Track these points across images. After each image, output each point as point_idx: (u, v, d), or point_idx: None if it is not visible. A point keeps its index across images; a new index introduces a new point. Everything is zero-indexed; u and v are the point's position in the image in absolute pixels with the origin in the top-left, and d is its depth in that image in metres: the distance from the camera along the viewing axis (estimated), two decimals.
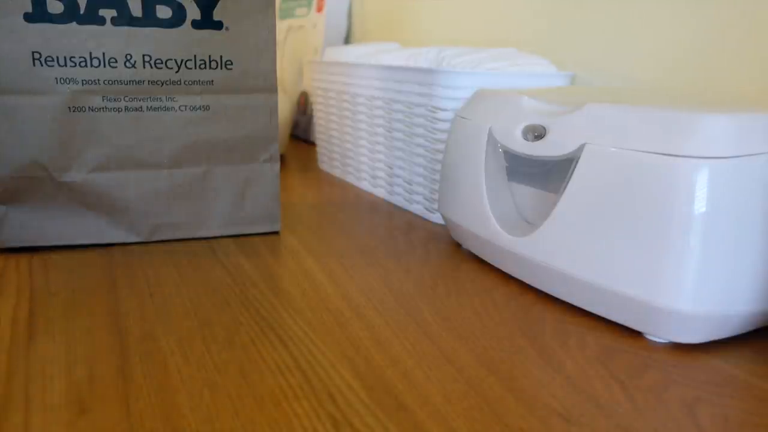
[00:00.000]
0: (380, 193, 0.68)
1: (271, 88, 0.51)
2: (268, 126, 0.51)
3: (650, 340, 0.36)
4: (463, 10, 0.81)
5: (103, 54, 0.45)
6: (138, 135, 0.48)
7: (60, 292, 0.40)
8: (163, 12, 0.46)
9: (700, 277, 0.33)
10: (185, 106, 0.48)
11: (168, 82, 0.48)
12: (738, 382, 0.32)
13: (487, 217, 0.44)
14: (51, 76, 0.45)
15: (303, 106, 1.02)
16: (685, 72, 0.53)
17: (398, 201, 0.65)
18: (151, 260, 0.46)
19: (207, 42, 0.48)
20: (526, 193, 0.43)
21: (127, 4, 0.45)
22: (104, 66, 0.46)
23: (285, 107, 0.85)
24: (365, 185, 0.71)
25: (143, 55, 0.46)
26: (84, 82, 0.45)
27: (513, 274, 0.44)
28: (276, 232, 0.54)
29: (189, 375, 0.31)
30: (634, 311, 0.35)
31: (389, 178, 0.66)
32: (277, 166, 0.52)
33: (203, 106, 0.49)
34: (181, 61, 0.47)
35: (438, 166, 0.58)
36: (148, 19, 0.46)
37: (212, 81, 0.49)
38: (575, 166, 0.37)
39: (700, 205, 0.32)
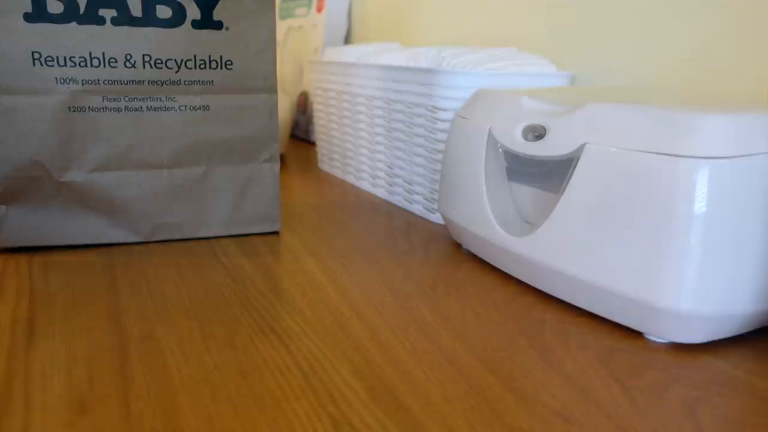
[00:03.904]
0: (380, 193, 0.68)
1: (271, 88, 0.51)
2: (268, 126, 0.51)
3: (650, 340, 0.36)
4: (463, 10, 0.81)
5: (103, 54, 0.45)
6: (138, 135, 0.48)
7: (60, 292, 0.40)
8: (163, 12, 0.46)
9: (700, 277, 0.33)
10: (185, 106, 0.48)
11: (168, 82, 0.48)
12: (738, 382, 0.32)
13: (487, 217, 0.44)
14: (51, 76, 0.45)
15: (303, 106, 1.02)
16: (685, 72, 0.53)
17: (398, 201, 0.65)
18: (151, 260, 0.46)
19: (207, 42, 0.48)
20: (526, 193, 0.43)
21: (127, 4, 0.45)
22: (104, 66, 0.46)
23: (285, 107, 0.85)
24: (365, 185, 0.71)
25: (143, 55, 0.46)
26: (84, 82, 0.45)
27: (513, 274, 0.44)
28: (276, 232, 0.54)
29: (189, 375, 0.31)
30: (635, 311, 0.35)
31: (389, 178, 0.66)
32: (277, 166, 0.52)
33: (203, 106, 0.49)
34: (181, 61, 0.47)
35: (438, 166, 0.58)
36: (148, 19, 0.46)
37: (212, 81, 0.49)
38: (575, 166, 0.37)
39: (700, 205, 0.32)
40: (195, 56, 0.48)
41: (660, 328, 0.35)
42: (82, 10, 0.44)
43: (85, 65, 0.45)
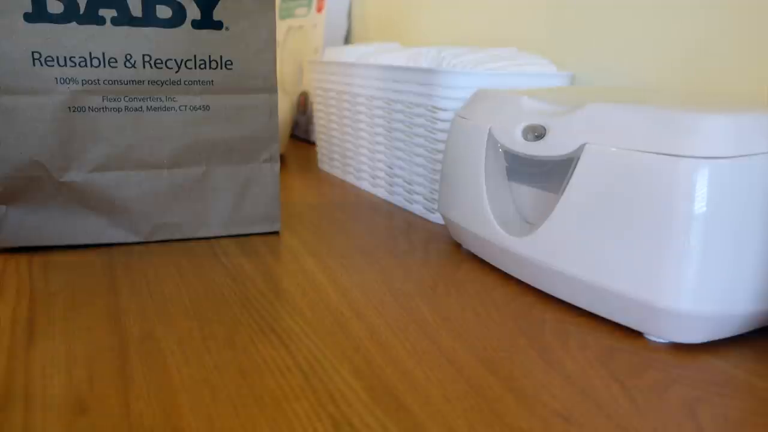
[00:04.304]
0: (380, 193, 0.68)
1: (271, 88, 0.51)
2: (268, 126, 0.51)
3: (650, 340, 0.36)
4: (463, 10, 0.81)
5: (103, 54, 0.45)
6: (138, 135, 0.48)
7: (60, 292, 0.40)
8: (163, 12, 0.46)
9: (700, 277, 0.33)
10: (185, 106, 0.48)
11: (168, 82, 0.48)
12: (738, 382, 0.32)
13: (487, 217, 0.44)
14: (51, 76, 0.45)
15: (303, 106, 1.02)
16: (685, 72, 0.53)
17: (398, 201, 0.65)
18: (151, 260, 0.46)
19: (207, 42, 0.48)
20: (526, 193, 0.43)
21: (127, 4, 0.45)
22: (104, 66, 0.46)
23: (285, 107, 0.85)
24: (365, 185, 0.71)
25: (143, 55, 0.46)
26: (84, 82, 0.45)
27: (513, 274, 0.44)
28: (276, 232, 0.54)
29: (189, 375, 0.31)
30: (635, 311, 0.35)
31: (389, 178, 0.66)
32: (277, 166, 0.52)
33: (203, 106, 0.49)
34: (181, 61, 0.47)
35: (438, 166, 0.58)
36: (148, 19, 0.46)
37: (212, 81, 0.49)
38: (575, 166, 0.37)
39: (700, 205, 0.32)
40: (195, 56, 0.48)
41: (660, 328, 0.35)
42: (82, 10, 0.44)
43: (85, 65, 0.45)
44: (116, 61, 0.46)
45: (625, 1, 0.58)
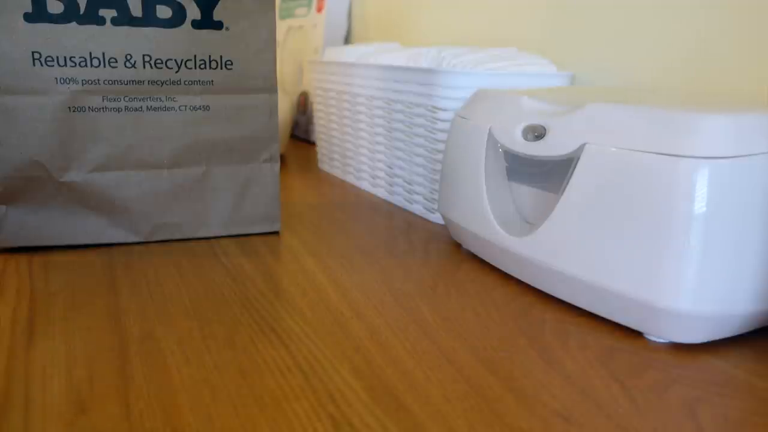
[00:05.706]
0: (380, 193, 0.68)
1: (271, 88, 0.51)
2: (268, 126, 0.51)
3: (650, 340, 0.36)
4: (463, 10, 0.81)
5: (103, 54, 0.45)
6: (138, 135, 0.48)
7: (60, 292, 0.40)
8: (163, 12, 0.46)
9: (700, 277, 0.33)
10: (185, 106, 0.48)
11: (168, 82, 0.48)
12: (738, 382, 0.32)
13: (487, 217, 0.44)
14: (51, 76, 0.45)
15: (303, 106, 1.02)
16: (685, 72, 0.53)
17: (398, 201, 0.65)
18: (151, 260, 0.46)
19: (207, 42, 0.48)
20: (526, 193, 0.43)
21: (127, 4, 0.45)
22: (104, 66, 0.46)
23: (285, 107, 0.85)
24: (365, 185, 0.71)
25: (143, 55, 0.46)
26: (84, 82, 0.45)
27: (513, 274, 0.44)
28: (276, 232, 0.54)
29: (189, 375, 0.31)
30: (634, 311, 0.35)
31: (389, 178, 0.66)
32: (277, 166, 0.52)
33: (203, 106, 0.49)
34: (181, 61, 0.47)
35: (438, 166, 0.58)
36: (148, 19, 0.46)
37: (212, 81, 0.49)
38: (575, 166, 0.37)
39: (700, 205, 0.32)
40: (195, 56, 0.48)
41: (660, 328, 0.35)
42: (82, 10, 0.44)
43: (85, 65, 0.45)
44: (116, 61, 0.46)
45: (625, 1, 0.58)
